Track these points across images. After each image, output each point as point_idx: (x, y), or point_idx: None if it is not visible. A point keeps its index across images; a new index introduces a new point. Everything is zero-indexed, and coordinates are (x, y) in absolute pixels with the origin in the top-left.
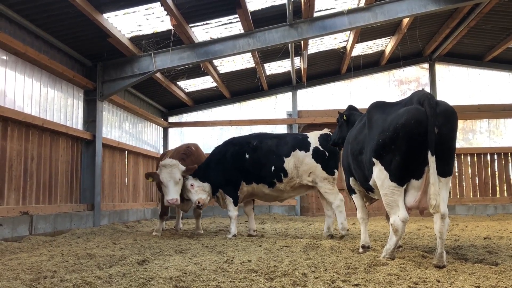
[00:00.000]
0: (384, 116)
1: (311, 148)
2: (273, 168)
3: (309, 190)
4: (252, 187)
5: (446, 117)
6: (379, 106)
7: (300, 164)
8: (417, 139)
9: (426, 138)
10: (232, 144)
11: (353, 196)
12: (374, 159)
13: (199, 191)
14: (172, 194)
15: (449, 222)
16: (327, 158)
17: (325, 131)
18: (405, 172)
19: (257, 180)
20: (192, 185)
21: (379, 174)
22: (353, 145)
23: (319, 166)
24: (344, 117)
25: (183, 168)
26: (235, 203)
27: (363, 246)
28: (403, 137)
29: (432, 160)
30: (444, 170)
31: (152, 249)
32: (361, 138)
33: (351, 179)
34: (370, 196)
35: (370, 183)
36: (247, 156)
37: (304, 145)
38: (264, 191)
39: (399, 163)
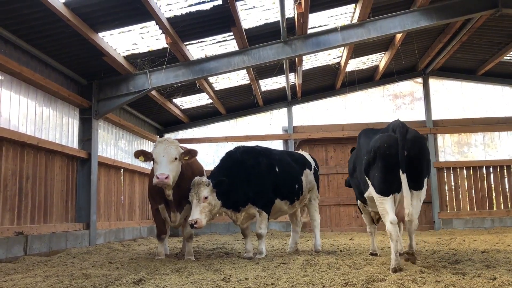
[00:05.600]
0: (368, 140)
1: (313, 166)
2: (296, 185)
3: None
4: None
5: (414, 142)
6: (366, 132)
7: (308, 182)
8: (390, 159)
9: (398, 159)
10: (260, 154)
11: (362, 215)
12: (365, 176)
13: (205, 210)
14: (164, 169)
15: (417, 223)
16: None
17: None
18: (385, 186)
19: (282, 196)
20: (206, 198)
21: (370, 188)
22: (352, 166)
23: (316, 184)
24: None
25: (182, 150)
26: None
27: (371, 253)
28: (379, 158)
29: (403, 177)
30: (415, 185)
31: (148, 268)
32: (353, 159)
33: (358, 201)
34: (366, 209)
35: (365, 195)
36: (277, 169)
37: (309, 163)
38: (283, 207)
39: (379, 178)
